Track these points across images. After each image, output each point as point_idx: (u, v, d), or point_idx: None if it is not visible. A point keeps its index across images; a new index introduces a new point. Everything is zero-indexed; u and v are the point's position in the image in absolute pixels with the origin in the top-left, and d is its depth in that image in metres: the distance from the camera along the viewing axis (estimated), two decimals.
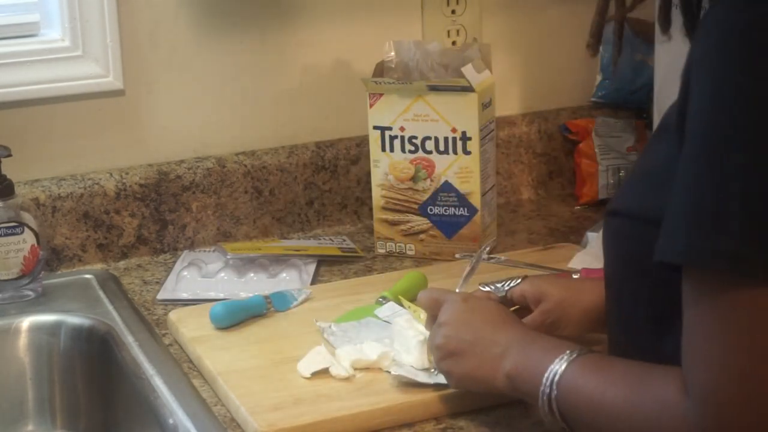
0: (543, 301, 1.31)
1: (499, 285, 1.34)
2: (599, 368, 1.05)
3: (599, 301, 1.24)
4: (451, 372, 1.20)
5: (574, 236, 1.79)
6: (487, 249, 1.51)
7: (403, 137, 1.70)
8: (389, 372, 1.30)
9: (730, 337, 0.90)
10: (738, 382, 0.89)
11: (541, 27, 2.01)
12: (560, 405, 1.06)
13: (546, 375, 1.07)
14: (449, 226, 1.72)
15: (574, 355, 1.07)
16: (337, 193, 1.87)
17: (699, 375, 0.92)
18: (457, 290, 1.36)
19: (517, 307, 1.34)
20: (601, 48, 2.01)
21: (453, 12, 1.93)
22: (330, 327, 1.41)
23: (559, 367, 1.07)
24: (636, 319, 1.07)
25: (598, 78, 2.04)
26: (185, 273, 1.64)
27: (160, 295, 1.61)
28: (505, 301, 1.33)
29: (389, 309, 1.46)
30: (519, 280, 1.34)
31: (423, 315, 1.31)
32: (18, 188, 1.62)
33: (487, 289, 1.35)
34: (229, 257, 1.66)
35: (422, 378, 1.27)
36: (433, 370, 1.27)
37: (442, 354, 1.21)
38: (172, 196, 1.76)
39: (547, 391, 1.07)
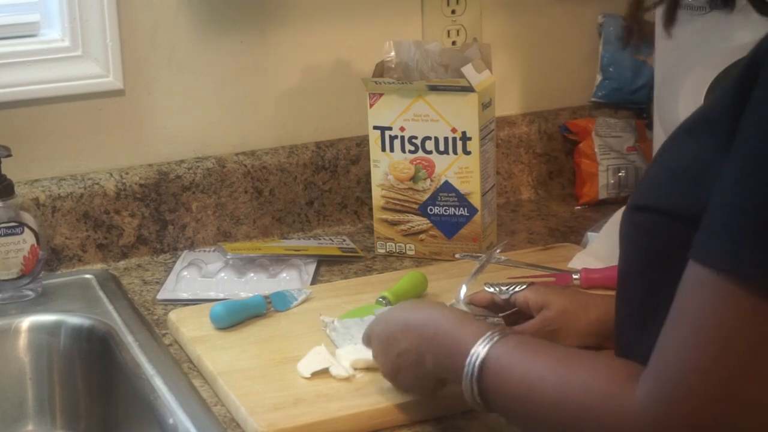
0: (545, 309, 1.30)
1: (504, 288, 1.36)
2: (525, 349, 1.02)
3: (603, 317, 1.24)
4: (406, 389, 1.23)
5: (574, 236, 1.79)
6: (498, 250, 1.52)
7: (403, 137, 1.70)
8: None
9: (728, 338, 0.87)
10: (713, 381, 0.87)
11: (541, 27, 2.01)
12: (485, 387, 1.03)
13: (467, 360, 1.04)
14: (449, 226, 1.71)
15: (495, 338, 1.04)
16: (337, 193, 1.87)
17: (674, 360, 0.89)
18: (463, 287, 1.39)
19: (515, 309, 1.35)
20: (600, 48, 2.04)
21: (453, 12, 1.93)
22: (333, 323, 1.41)
23: (482, 348, 1.03)
24: (654, 313, 1.06)
25: (598, 78, 2.04)
26: (185, 273, 1.64)
27: (160, 295, 1.61)
28: (508, 304, 1.35)
29: None
30: (524, 286, 1.35)
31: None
32: (18, 188, 1.62)
33: (492, 290, 1.37)
34: (229, 257, 1.66)
35: None
36: None
37: (388, 379, 1.24)
38: (172, 196, 1.76)
39: (469, 375, 1.04)
